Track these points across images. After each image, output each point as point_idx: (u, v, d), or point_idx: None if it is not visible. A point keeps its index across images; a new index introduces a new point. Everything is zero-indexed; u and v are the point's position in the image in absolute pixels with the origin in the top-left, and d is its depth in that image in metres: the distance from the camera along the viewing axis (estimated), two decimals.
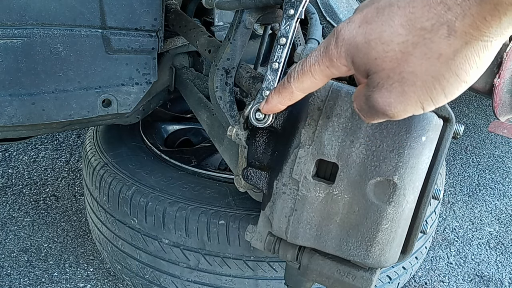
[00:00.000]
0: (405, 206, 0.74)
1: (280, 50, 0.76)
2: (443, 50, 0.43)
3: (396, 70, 0.46)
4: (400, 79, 0.46)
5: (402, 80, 0.46)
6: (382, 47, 0.46)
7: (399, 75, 0.46)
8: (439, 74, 0.44)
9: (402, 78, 0.46)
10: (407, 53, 0.45)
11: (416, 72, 0.45)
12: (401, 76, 0.46)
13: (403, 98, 0.47)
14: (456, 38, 0.42)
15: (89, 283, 1.73)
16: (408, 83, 0.46)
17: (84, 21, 1.11)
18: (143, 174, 1.39)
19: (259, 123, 0.77)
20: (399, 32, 0.45)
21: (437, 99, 0.46)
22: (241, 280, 1.28)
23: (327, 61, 0.53)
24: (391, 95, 0.47)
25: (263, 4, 0.98)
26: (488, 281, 1.83)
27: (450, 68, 0.44)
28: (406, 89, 0.46)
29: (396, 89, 0.47)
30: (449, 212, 2.21)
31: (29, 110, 1.12)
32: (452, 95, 0.46)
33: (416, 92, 0.46)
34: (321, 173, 0.79)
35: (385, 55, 0.46)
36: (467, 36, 0.42)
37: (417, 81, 0.45)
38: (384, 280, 1.41)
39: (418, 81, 0.45)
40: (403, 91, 0.46)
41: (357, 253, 0.79)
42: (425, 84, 0.45)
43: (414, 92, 0.46)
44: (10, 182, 2.25)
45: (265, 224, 0.90)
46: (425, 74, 0.45)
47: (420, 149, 0.72)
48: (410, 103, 0.47)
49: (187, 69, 1.51)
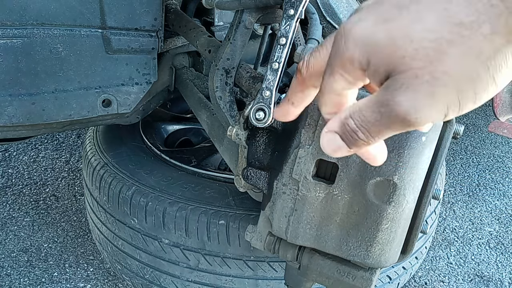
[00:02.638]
0: (405, 206, 0.74)
1: (280, 50, 0.76)
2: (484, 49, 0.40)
3: (426, 69, 0.41)
4: (430, 80, 0.41)
5: (433, 80, 0.41)
6: (412, 45, 0.42)
7: (429, 75, 0.41)
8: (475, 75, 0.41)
9: (433, 78, 0.41)
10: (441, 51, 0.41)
11: (450, 72, 0.41)
12: (432, 76, 0.41)
13: (431, 101, 0.42)
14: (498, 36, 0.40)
15: (89, 283, 1.73)
16: (439, 83, 0.41)
17: (84, 21, 1.11)
18: (143, 174, 1.39)
19: (259, 123, 0.77)
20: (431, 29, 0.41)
21: (465, 104, 0.43)
22: (241, 280, 1.28)
23: (340, 68, 0.48)
24: (418, 97, 0.42)
25: (263, 4, 0.98)
26: (488, 281, 1.83)
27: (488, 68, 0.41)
28: (436, 90, 0.42)
29: (424, 90, 0.42)
30: (449, 212, 2.21)
31: (29, 110, 1.12)
32: (480, 100, 0.43)
33: (447, 95, 0.42)
34: (321, 173, 0.79)
35: (415, 53, 0.42)
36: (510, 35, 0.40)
37: (449, 82, 0.41)
38: (384, 280, 1.41)
39: (451, 82, 0.41)
40: (432, 92, 0.42)
41: (357, 253, 0.79)
42: (457, 86, 0.41)
43: (444, 94, 0.42)
44: (10, 182, 2.25)
45: (265, 224, 0.90)
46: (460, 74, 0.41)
47: (420, 149, 0.72)
48: (437, 107, 0.42)
49: (187, 69, 1.51)
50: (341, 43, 0.47)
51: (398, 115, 0.44)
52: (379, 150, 0.53)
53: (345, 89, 0.50)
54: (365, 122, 0.46)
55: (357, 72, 0.47)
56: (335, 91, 0.50)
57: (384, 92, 0.44)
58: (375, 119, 0.45)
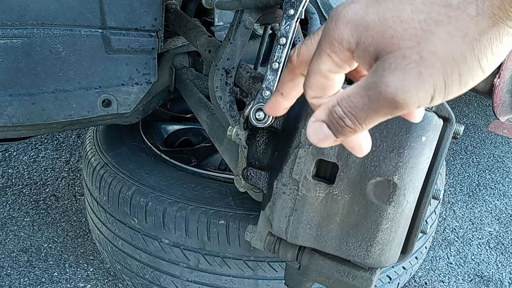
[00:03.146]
0: (405, 206, 0.74)
1: (280, 50, 0.76)
2: (470, 29, 0.41)
3: (414, 49, 0.42)
4: (417, 59, 0.42)
5: (420, 60, 0.42)
6: (401, 25, 0.43)
7: (417, 55, 0.42)
8: (461, 56, 0.42)
9: (421, 58, 0.42)
10: (429, 31, 0.42)
11: (437, 52, 0.42)
12: (420, 55, 0.42)
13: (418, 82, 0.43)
14: (484, 18, 0.41)
15: (89, 283, 1.73)
16: (426, 64, 0.42)
17: (84, 21, 1.11)
18: (143, 174, 1.39)
19: (259, 123, 0.77)
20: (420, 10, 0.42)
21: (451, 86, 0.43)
22: (241, 280, 1.28)
23: (328, 48, 0.48)
24: (405, 77, 0.43)
25: (263, 4, 0.98)
26: (488, 281, 1.83)
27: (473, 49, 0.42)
28: (423, 70, 0.42)
29: (412, 70, 0.43)
30: (449, 212, 2.21)
31: (29, 110, 1.12)
32: (466, 84, 0.44)
33: (433, 75, 0.42)
34: (321, 173, 0.79)
35: (404, 33, 0.43)
36: (495, 17, 0.41)
37: (436, 62, 0.42)
38: (384, 280, 1.41)
39: (438, 62, 0.42)
40: (419, 72, 0.42)
41: (357, 253, 0.79)
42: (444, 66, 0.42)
43: (431, 74, 0.42)
44: (10, 182, 2.25)
45: (265, 224, 0.90)
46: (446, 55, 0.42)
47: (420, 149, 0.72)
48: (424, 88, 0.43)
49: (187, 69, 1.51)
50: (332, 23, 0.47)
51: (386, 96, 0.44)
52: (364, 140, 0.52)
53: (332, 71, 0.50)
54: (352, 108, 0.46)
55: (345, 53, 0.47)
56: (321, 72, 0.50)
57: (373, 74, 0.45)
58: (363, 103, 0.45)
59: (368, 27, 0.45)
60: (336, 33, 0.47)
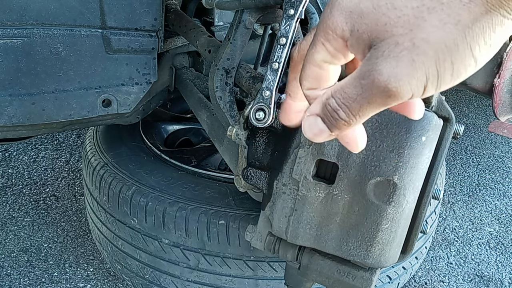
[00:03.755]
0: (405, 206, 0.74)
1: (280, 50, 0.76)
2: (462, 16, 0.41)
3: (407, 36, 0.42)
4: (410, 47, 0.42)
5: (413, 47, 0.42)
6: (395, 12, 0.43)
7: (409, 42, 0.42)
8: (453, 43, 0.42)
9: (413, 45, 0.42)
10: (421, 18, 0.42)
11: (429, 39, 0.42)
12: (412, 43, 0.42)
13: (410, 69, 0.42)
14: (477, 5, 0.41)
15: (89, 283, 1.73)
16: (419, 51, 0.42)
17: (84, 21, 1.11)
18: (143, 174, 1.39)
19: (259, 123, 0.77)
20: None
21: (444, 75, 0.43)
22: (241, 280, 1.28)
23: (322, 36, 0.48)
24: (398, 64, 0.42)
25: (263, 4, 0.98)
26: (488, 281, 1.83)
27: (465, 37, 0.41)
28: (416, 58, 0.42)
29: (404, 57, 0.42)
30: (449, 212, 2.21)
31: (29, 110, 1.12)
32: (458, 74, 0.43)
33: (426, 63, 0.42)
34: (321, 173, 0.79)
35: (397, 20, 0.43)
36: (488, 5, 0.40)
37: (428, 49, 0.42)
38: (384, 280, 1.41)
39: (430, 50, 0.42)
40: (412, 60, 0.42)
41: (357, 253, 0.79)
42: (436, 54, 0.42)
43: (423, 62, 0.42)
44: (10, 182, 2.25)
45: (265, 224, 0.90)
46: (439, 42, 0.42)
47: (420, 149, 0.72)
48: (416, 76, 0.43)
49: (187, 69, 1.51)
50: (327, 11, 0.47)
51: (379, 85, 0.44)
52: (359, 135, 0.52)
53: (326, 61, 0.50)
54: (346, 99, 0.46)
55: (339, 41, 0.47)
56: (315, 62, 0.50)
57: (366, 63, 0.45)
58: (357, 93, 0.45)
59: (362, 14, 0.45)
60: (330, 20, 0.47)
